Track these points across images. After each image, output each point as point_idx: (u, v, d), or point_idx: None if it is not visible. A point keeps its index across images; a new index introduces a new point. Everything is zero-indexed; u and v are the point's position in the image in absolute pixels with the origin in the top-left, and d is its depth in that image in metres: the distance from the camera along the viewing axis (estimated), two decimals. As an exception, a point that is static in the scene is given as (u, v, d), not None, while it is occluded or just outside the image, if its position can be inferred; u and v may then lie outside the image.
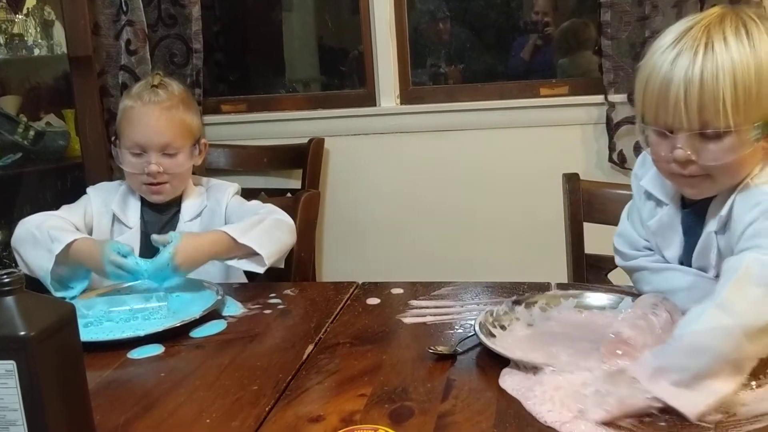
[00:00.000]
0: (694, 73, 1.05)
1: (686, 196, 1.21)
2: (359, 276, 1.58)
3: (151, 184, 1.64)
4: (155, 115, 1.64)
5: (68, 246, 1.49)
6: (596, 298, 1.30)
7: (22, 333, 0.81)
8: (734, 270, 1.01)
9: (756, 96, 1.05)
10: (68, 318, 0.87)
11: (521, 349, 1.14)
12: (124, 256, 1.44)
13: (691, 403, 0.91)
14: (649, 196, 1.29)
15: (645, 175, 1.29)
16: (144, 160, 1.63)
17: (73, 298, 1.48)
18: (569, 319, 1.24)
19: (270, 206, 1.67)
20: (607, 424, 0.90)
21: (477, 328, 1.16)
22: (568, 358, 1.08)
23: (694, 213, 1.21)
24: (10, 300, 0.83)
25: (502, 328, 1.21)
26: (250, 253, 1.54)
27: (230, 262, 1.57)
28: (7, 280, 0.83)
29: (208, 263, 1.63)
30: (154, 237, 1.49)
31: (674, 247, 1.26)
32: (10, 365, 0.81)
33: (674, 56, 1.07)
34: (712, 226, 1.17)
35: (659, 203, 1.27)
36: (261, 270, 1.54)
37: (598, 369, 1.04)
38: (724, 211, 1.14)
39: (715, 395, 0.92)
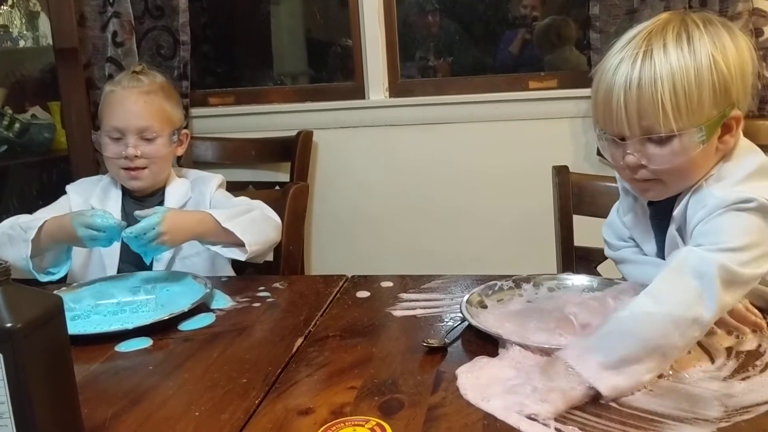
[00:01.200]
0: (632, 80, 1.07)
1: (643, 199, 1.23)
2: (347, 269, 1.58)
3: (129, 169, 1.63)
4: (133, 98, 1.64)
5: (40, 230, 1.49)
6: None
7: (9, 325, 0.79)
8: (671, 261, 1.04)
9: (698, 100, 1.07)
10: (56, 310, 0.86)
11: (510, 321, 1.18)
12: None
13: (612, 383, 0.93)
14: (627, 191, 1.31)
15: None
16: (122, 144, 1.63)
17: (58, 280, 1.47)
18: (568, 299, 1.24)
19: (259, 202, 1.66)
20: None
21: (464, 301, 1.23)
22: (535, 332, 1.12)
23: (660, 212, 1.23)
24: (-4, 292, 0.82)
25: (499, 302, 1.26)
26: (233, 242, 1.53)
27: (213, 248, 1.55)
28: (-8, 271, 0.82)
29: (195, 255, 1.62)
30: (138, 212, 1.47)
31: (649, 242, 1.28)
32: (-4, 358, 0.80)
33: (616, 64, 1.10)
34: (674, 224, 1.19)
35: (635, 199, 1.29)
36: (243, 258, 1.53)
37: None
38: (677, 212, 1.17)
39: (635, 379, 0.95)
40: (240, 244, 1.52)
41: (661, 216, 1.23)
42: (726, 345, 1.08)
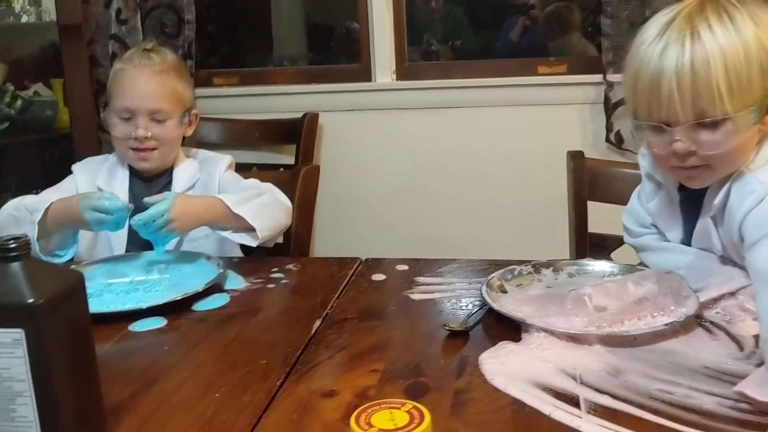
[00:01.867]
0: (684, 63, 1.03)
1: (688, 187, 1.19)
2: (351, 252, 1.55)
3: (138, 150, 1.60)
4: (145, 78, 1.60)
5: (46, 212, 1.45)
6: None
7: (31, 300, 0.77)
8: (755, 277, 1.02)
9: (747, 80, 1.04)
10: (76, 286, 0.84)
11: (530, 306, 1.17)
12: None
13: None
14: (650, 177, 1.29)
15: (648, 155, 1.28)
16: (132, 124, 1.59)
17: (65, 263, 1.45)
18: (587, 284, 1.22)
19: (269, 185, 1.63)
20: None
21: (485, 285, 1.21)
22: (556, 316, 1.11)
23: (691, 197, 1.21)
24: (16, 266, 0.79)
25: (518, 287, 1.25)
26: (244, 227, 1.50)
27: (223, 233, 1.52)
28: (13, 245, 0.79)
29: (203, 238, 1.59)
30: (147, 199, 1.44)
31: (675, 229, 1.26)
32: (18, 334, 0.77)
33: (661, 48, 1.05)
34: (708, 212, 1.16)
35: (659, 185, 1.26)
36: (253, 243, 1.50)
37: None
38: (718, 200, 1.13)
39: None
40: (251, 229, 1.49)
41: (692, 202, 1.20)
42: (754, 333, 1.06)
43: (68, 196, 1.51)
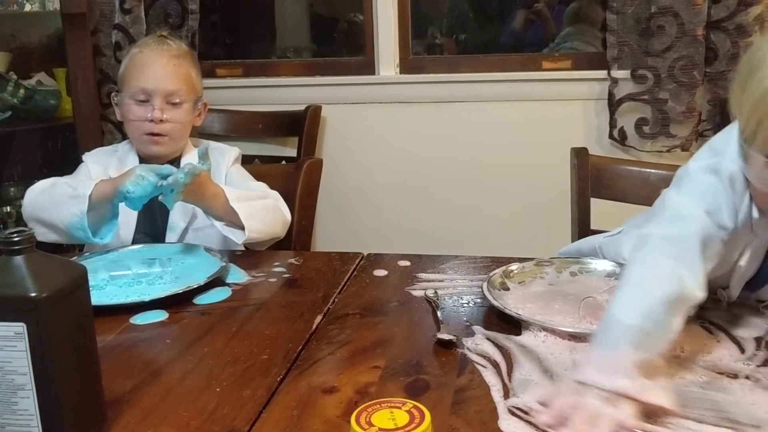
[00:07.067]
0: None
1: None
2: (353, 247, 1.56)
3: (152, 134, 1.60)
4: (163, 61, 1.61)
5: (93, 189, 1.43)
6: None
7: (34, 294, 0.77)
8: None
9: None
10: (80, 280, 0.84)
11: (532, 303, 1.17)
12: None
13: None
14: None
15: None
16: (148, 107, 1.60)
17: (106, 244, 1.44)
18: (592, 284, 1.23)
19: (276, 193, 1.63)
20: None
21: (486, 282, 1.21)
22: (558, 314, 1.11)
23: None
24: (20, 260, 0.79)
25: (520, 283, 1.25)
26: (236, 223, 1.50)
27: (216, 223, 1.52)
28: (17, 238, 0.79)
29: (209, 227, 1.58)
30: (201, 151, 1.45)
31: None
32: (20, 327, 0.77)
33: None
34: None
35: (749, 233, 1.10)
36: (239, 242, 1.50)
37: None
38: None
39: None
40: (242, 227, 1.49)
41: None
42: (755, 335, 1.06)
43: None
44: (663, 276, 0.98)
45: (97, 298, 1.23)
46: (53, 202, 1.46)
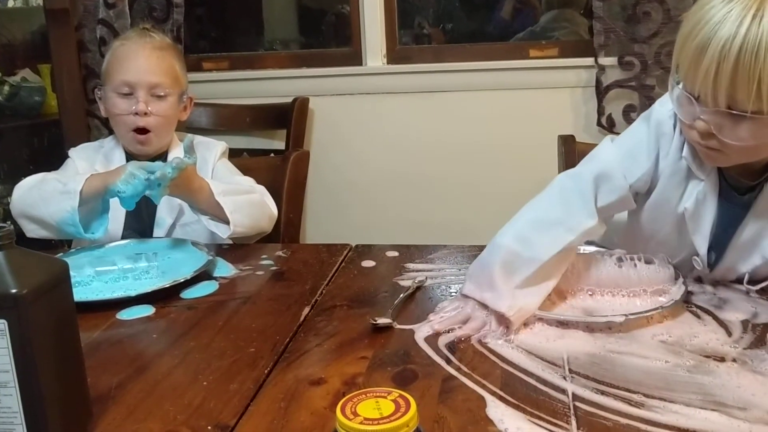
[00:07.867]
0: (732, 46, 0.94)
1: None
2: (342, 238, 1.55)
3: (138, 131, 1.58)
4: (146, 53, 1.60)
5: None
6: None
7: (14, 291, 0.76)
8: None
9: None
10: (62, 276, 0.83)
11: None
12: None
13: None
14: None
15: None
16: (132, 99, 1.58)
17: (98, 239, 1.44)
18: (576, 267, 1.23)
19: (262, 188, 1.62)
20: None
21: None
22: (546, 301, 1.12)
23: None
24: (0, 256, 0.78)
25: None
26: (221, 217, 1.49)
27: (201, 217, 1.51)
28: (-4, 235, 0.78)
29: (196, 222, 1.57)
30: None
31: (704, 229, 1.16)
32: (2, 325, 0.76)
33: (720, 18, 0.95)
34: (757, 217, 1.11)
35: (690, 176, 1.15)
36: (223, 235, 1.49)
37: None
38: None
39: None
40: (227, 222, 1.48)
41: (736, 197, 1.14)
42: (741, 318, 1.06)
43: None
44: (546, 205, 1.22)
45: (83, 293, 1.23)
46: (43, 198, 1.45)
